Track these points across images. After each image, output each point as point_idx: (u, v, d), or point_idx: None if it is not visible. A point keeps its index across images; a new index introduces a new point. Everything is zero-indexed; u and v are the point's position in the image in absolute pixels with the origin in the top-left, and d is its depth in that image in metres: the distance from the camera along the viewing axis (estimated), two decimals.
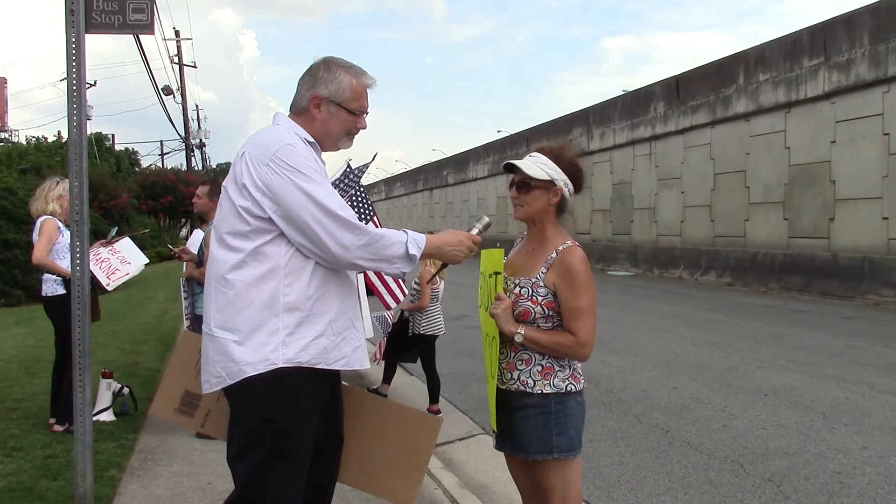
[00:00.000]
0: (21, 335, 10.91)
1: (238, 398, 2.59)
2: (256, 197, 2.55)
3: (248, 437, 2.58)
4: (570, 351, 2.82)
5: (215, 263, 2.63)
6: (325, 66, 2.78)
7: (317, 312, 2.61)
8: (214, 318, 2.59)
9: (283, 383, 2.54)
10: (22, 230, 16.69)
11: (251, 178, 2.56)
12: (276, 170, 2.54)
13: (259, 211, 2.56)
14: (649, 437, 6.20)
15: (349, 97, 2.76)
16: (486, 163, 41.37)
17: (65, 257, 5.70)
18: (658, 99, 25.10)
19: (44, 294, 5.85)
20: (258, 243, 2.56)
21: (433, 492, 4.80)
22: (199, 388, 2.81)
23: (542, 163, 2.89)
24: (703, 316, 13.64)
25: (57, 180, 5.93)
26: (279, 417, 2.56)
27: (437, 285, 6.83)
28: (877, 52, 16.57)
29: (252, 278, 2.55)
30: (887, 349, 9.95)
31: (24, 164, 37.83)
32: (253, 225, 2.56)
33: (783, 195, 19.45)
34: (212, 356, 2.59)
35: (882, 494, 4.86)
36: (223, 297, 2.57)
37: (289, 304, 2.56)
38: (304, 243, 2.57)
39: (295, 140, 2.63)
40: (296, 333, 2.56)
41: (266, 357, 2.52)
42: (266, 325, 2.53)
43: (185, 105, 44.13)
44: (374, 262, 2.66)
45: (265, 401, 2.54)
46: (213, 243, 2.68)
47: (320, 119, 2.76)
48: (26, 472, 4.81)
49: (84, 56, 4.11)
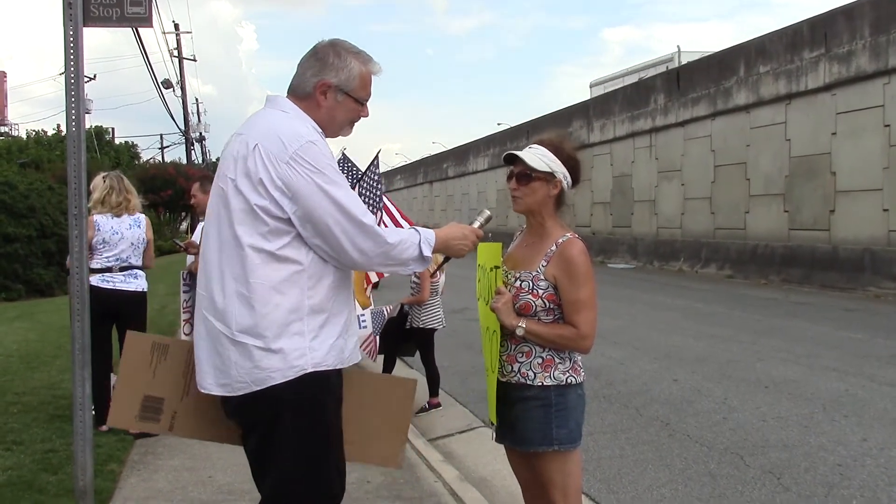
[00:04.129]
0: (22, 329, 10.93)
1: (267, 405, 2.50)
2: (276, 196, 2.45)
3: (292, 442, 2.53)
4: (571, 343, 2.82)
5: (233, 263, 2.50)
6: (335, 52, 2.65)
7: (336, 312, 2.58)
8: (237, 321, 2.48)
9: (314, 387, 2.52)
10: (22, 224, 16.69)
11: (269, 175, 2.45)
12: (297, 170, 2.44)
13: (278, 211, 2.46)
14: (649, 429, 6.20)
15: (357, 86, 2.67)
16: (487, 156, 41.31)
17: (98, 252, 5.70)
18: (658, 91, 25.04)
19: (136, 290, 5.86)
20: (279, 244, 2.48)
21: (433, 484, 4.81)
22: (160, 390, 2.77)
23: (542, 154, 2.88)
24: (704, 308, 13.63)
25: (102, 176, 5.98)
26: (318, 420, 2.55)
27: (436, 279, 6.82)
28: (877, 44, 16.52)
29: (275, 281, 2.47)
30: (888, 341, 9.94)
31: (23, 157, 37.85)
32: (271, 225, 2.47)
33: (784, 187, 19.42)
34: (235, 360, 2.48)
35: (882, 486, 4.86)
36: (244, 299, 2.47)
37: (313, 306, 2.51)
38: (320, 245, 2.51)
39: (315, 136, 2.54)
40: (320, 336, 2.52)
41: (294, 363, 2.47)
42: (292, 329, 2.48)
43: (184, 98, 44.10)
44: (390, 267, 2.65)
45: (301, 407, 2.51)
46: (227, 240, 2.53)
47: (326, 106, 2.65)
48: (26, 466, 4.82)
49: (82, 49, 4.09)
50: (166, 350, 2.83)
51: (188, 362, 2.74)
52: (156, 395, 2.79)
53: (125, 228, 5.77)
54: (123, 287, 5.73)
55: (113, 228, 5.72)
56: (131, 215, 5.85)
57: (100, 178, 5.96)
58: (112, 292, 5.63)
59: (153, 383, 2.78)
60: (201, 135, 51.09)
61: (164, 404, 2.80)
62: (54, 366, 8.04)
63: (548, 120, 33.05)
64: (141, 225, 5.86)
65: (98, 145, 43.56)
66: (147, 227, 5.94)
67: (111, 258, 5.71)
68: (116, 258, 5.73)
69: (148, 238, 5.97)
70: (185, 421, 2.80)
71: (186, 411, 2.78)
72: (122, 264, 5.76)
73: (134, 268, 5.82)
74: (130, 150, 53.61)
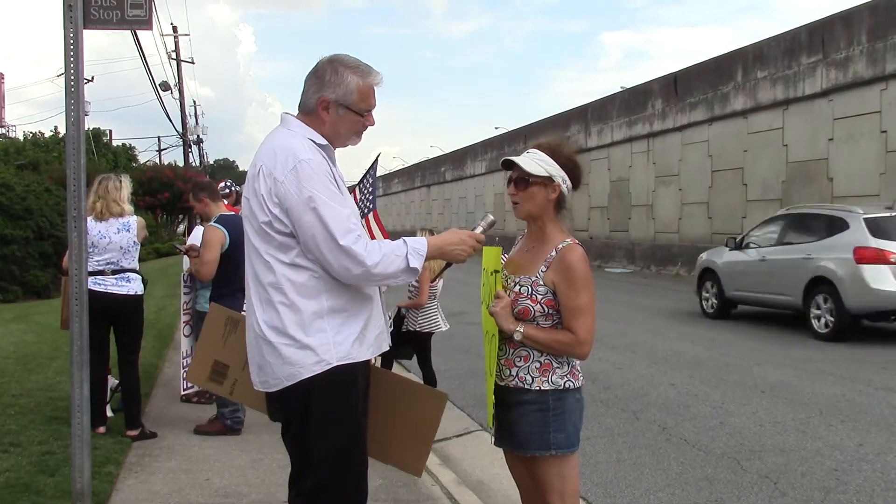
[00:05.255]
0: (19, 331, 10.90)
1: (297, 399, 2.67)
2: (276, 213, 2.62)
3: (324, 432, 2.68)
4: (569, 349, 2.83)
5: (258, 272, 2.70)
6: (332, 68, 2.76)
7: (356, 311, 2.72)
8: (265, 322, 2.68)
9: (342, 379, 2.67)
10: (19, 226, 16.63)
11: (269, 193, 2.63)
12: (289, 188, 2.59)
13: (281, 227, 2.63)
14: (647, 433, 6.21)
15: (356, 99, 2.76)
16: (484, 160, 41.33)
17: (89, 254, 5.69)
18: (656, 96, 25.08)
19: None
20: (291, 255, 2.65)
21: (431, 488, 4.81)
22: (227, 358, 3.15)
23: (539, 159, 2.89)
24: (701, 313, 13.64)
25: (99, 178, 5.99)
26: (347, 412, 2.71)
27: (436, 284, 6.82)
28: (875, 50, 16.57)
29: (297, 286, 2.64)
30: (884, 347, 9.97)
31: (21, 159, 37.80)
32: (280, 239, 2.65)
33: (781, 192, 19.45)
34: (268, 359, 2.68)
35: (878, 491, 4.87)
36: (269, 303, 2.67)
37: (333, 307, 2.67)
38: (314, 258, 2.65)
39: (309, 155, 2.65)
40: (342, 332, 2.68)
41: (321, 358, 2.64)
42: (315, 327, 2.64)
43: (182, 101, 44.02)
44: (376, 282, 2.75)
45: (330, 399, 2.67)
46: (251, 252, 2.74)
47: (329, 121, 2.77)
48: (24, 468, 4.81)
49: (82, 51, 4.10)
50: (237, 325, 3.17)
51: None
52: (223, 362, 3.19)
53: (113, 233, 5.75)
54: (116, 290, 5.72)
55: (101, 232, 5.71)
56: (119, 219, 5.82)
57: (95, 181, 5.98)
58: (105, 295, 5.63)
59: (223, 351, 3.19)
60: (199, 137, 51.11)
61: (229, 371, 3.18)
62: (51, 367, 8.02)
63: (546, 124, 33.08)
64: (130, 229, 5.83)
65: (96, 147, 43.48)
66: (139, 228, 5.90)
67: (101, 262, 5.70)
68: (107, 262, 5.73)
69: (142, 237, 5.96)
70: (244, 389, 3.08)
71: (245, 380, 2.97)
72: (113, 267, 5.75)
73: (126, 271, 5.81)
74: (128, 152, 53.53)
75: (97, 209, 5.75)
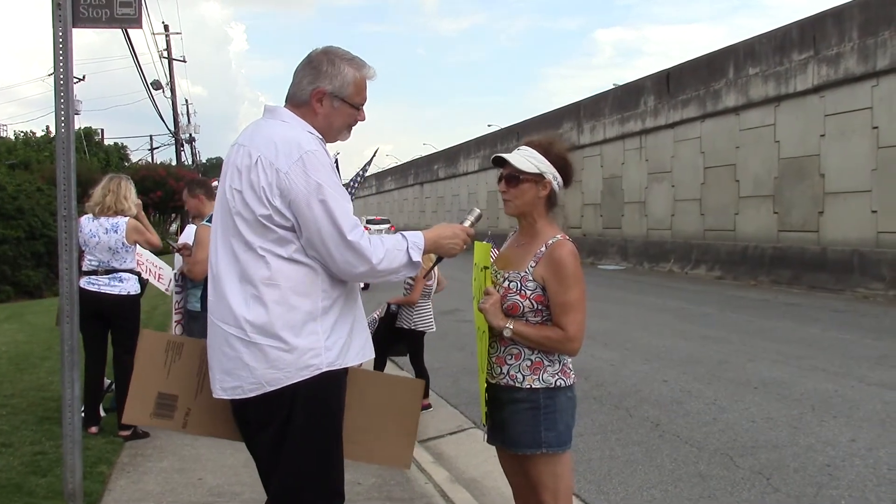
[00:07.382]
0: (11, 331, 10.87)
1: (280, 404, 2.54)
2: (277, 205, 2.50)
3: (304, 441, 2.57)
4: (558, 345, 2.82)
5: (247, 268, 2.55)
6: (329, 60, 2.69)
7: (345, 313, 2.64)
8: (251, 323, 2.51)
9: (328, 385, 2.57)
10: (10, 226, 16.59)
11: (270, 186, 2.51)
12: (294, 179, 2.49)
13: (282, 220, 2.52)
14: (640, 430, 6.22)
15: (352, 92, 2.71)
16: (477, 157, 41.34)
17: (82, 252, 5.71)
18: (648, 93, 25.12)
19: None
20: (290, 250, 2.54)
21: (424, 486, 4.81)
22: (174, 387, 2.79)
23: (530, 156, 2.88)
24: (694, 309, 13.68)
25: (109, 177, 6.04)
26: (330, 418, 2.61)
27: (430, 281, 6.80)
28: (866, 46, 16.62)
29: (293, 283, 2.53)
30: (876, 342, 10.00)
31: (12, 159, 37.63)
32: (279, 233, 2.53)
33: (773, 189, 19.51)
34: (247, 361, 2.52)
35: (870, 486, 4.89)
36: (259, 302, 2.52)
37: (326, 307, 2.57)
38: (314, 254, 2.55)
39: (314, 146, 2.57)
40: (332, 336, 2.58)
41: (309, 363, 2.52)
42: (308, 329, 2.53)
43: (174, 100, 43.94)
44: (379, 279, 2.67)
45: (314, 405, 2.56)
46: (238, 246, 2.57)
47: (322, 113, 2.69)
48: (15, 469, 4.79)
49: (71, 50, 4.08)
50: (181, 349, 2.86)
51: (202, 361, 2.77)
52: (170, 393, 2.83)
53: (102, 232, 5.75)
54: (108, 290, 5.71)
55: (91, 231, 5.72)
56: (111, 219, 5.81)
57: (105, 178, 6.08)
58: (98, 295, 5.62)
59: (167, 381, 2.82)
60: (191, 136, 50.95)
61: (178, 401, 2.83)
62: (43, 367, 8.00)
63: (538, 121, 33.11)
64: (118, 230, 5.81)
65: (87, 146, 43.33)
66: (129, 230, 5.87)
67: (93, 261, 5.72)
68: (98, 262, 5.73)
69: (133, 240, 5.94)
70: (199, 418, 2.84)
71: (200, 409, 2.81)
72: (105, 267, 5.75)
73: (118, 271, 5.79)
74: (120, 151, 53.32)
75: (106, 203, 5.77)
